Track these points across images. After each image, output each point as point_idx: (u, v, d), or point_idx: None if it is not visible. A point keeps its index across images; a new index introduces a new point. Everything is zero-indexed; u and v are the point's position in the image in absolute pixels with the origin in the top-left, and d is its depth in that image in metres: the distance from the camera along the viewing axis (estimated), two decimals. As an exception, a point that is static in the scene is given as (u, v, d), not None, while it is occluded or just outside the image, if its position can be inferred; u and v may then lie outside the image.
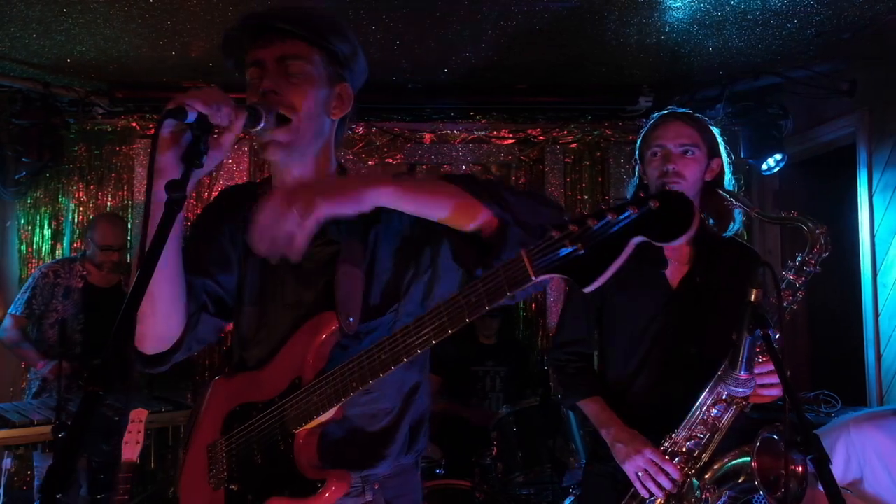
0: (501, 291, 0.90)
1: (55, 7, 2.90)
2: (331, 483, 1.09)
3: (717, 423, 1.54)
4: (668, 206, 0.82)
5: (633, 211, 0.83)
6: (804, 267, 1.56)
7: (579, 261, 0.86)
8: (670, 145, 1.69)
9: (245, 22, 1.17)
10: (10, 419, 2.63)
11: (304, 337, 1.17)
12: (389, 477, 1.23)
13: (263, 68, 1.16)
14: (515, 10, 2.96)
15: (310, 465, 1.12)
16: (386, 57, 3.50)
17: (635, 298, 1.74)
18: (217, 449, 1.23)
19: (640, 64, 3.61)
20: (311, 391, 1.11)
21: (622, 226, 0.84)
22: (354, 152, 4.23)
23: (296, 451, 1.12)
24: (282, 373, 1.17)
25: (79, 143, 4.13)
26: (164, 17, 3.00)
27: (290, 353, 1.18)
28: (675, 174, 1.66)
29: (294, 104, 1.14)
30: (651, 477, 1.55)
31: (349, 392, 1.06)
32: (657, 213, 0.82)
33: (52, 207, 4.14)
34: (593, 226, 0.85)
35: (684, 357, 1.66)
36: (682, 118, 1.72)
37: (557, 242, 0.87)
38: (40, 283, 3.28)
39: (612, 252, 0.84)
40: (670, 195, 0.84)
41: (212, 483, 1.22)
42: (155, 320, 1.13)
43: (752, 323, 1.23)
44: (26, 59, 3.49)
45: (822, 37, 3.19)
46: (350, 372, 1.06)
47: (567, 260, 0.86)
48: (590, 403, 1.74)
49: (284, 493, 1.12)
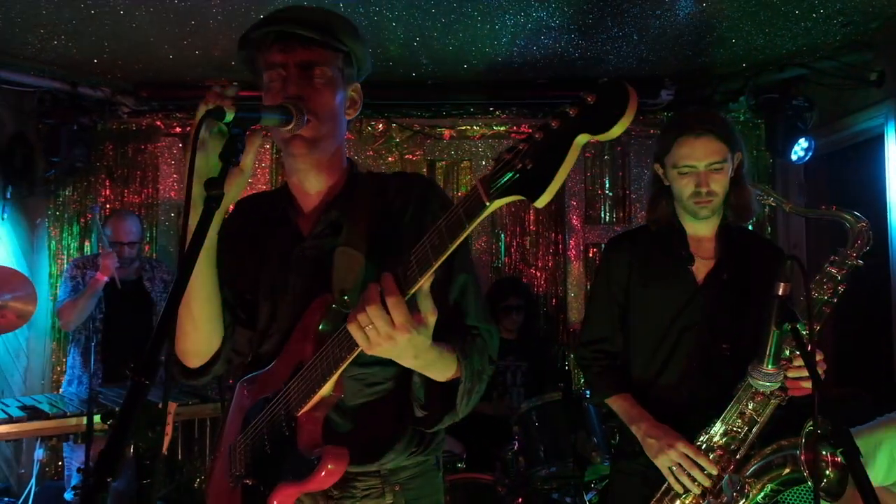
0: (460, 224, 0.88)
1: (83, 10, 2.96)
2: (326, 458, 1.07)
3: (755, 417, 1.52)
4: (604, 96, 0.78)
5: (573, 112, 0.80)
6: (846, 261, 1.53)
7: (528, 176, 0.82)
8: (701, 165, 1.64)
9: (267, 26, 1.19)
10: (43, 410, 2.70)
11: (306, 322, 1.19)
12: (410, 478, 1.24)
13: (287, 72, 1.18)
14: (534, 4, 2.96)
15: (312, 445, 1.12)
16: (406, 53, 3.52)
17: (661, 294, 1.73)
18: (236, 448, 1.25)
19: (662, 57, 3.58)
20: (310, 369, 1.11)
21: (565, 129, 0.80)
22: (374, 148, 4.25)
23: (298, 434, 1.12)
24: (287, 361, 1.19)
25: (105, 141, 4.21)
26: (188, 17, 3.05)
27: (293, 342, 1.20)
28: (709, 194, 1.65)
29: (317, 108, 1.18)
30: (684, 471, 1.54)
31: (339, 363, 1.05)
32: (595, 106, 0.78)
33: (80, 205, 4.23)
34: (539, 138, 0.82)
35: (710, 353, 1.65)
36: (710, 132, 1.65)
37: (508, 164, 0.84)
38: (72, 274, 3.40)
39: (557, 158, 0.80)
40: (604, 85, 0.79)
41: (231, 482, 1.23)
42: (197, 336, 1.21)
43: (780, 317, 1.22)
44: (55, 60, 3.57)
45: (850, 26, 3.14)
46: (340, 342, 1.05)
47: (517, 179, 0.83)
48: (619, 400, 1.74)
49: (289, 478, 1.12)
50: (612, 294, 1.80)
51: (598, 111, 0.78)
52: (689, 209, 1.71)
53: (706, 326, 1.67)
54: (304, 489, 1.11)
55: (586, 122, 0.78)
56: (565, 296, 4.22)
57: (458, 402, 1.14)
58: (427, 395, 1.16)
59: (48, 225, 4.21)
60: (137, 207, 4.24)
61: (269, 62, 1.20)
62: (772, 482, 1.48)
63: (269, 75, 1.20)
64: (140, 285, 3.51)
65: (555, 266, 4.27)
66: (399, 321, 0.93)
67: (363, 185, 1.30)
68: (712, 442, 1.57)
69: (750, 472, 1.52)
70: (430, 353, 1.04)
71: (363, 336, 0.96)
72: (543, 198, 0.81)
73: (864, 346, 3.61)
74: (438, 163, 4.32)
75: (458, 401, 1.13)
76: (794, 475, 1.44)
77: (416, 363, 1.05)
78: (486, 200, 0.86)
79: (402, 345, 0.96)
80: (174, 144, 4.23)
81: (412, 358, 1.02)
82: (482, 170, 4.29)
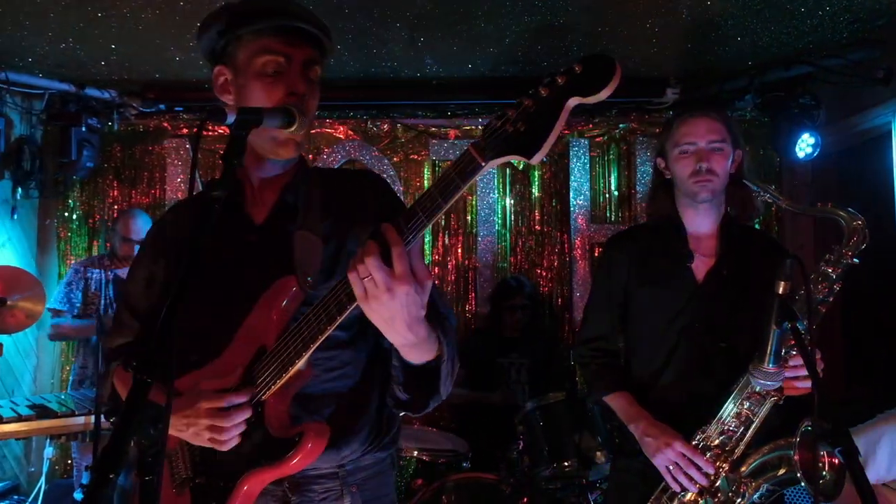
0: (454, 185, 0.91)
1: (90, 12, 2.99)
2: (308, 435, 1.06)
3: (750, 417, 1.53)
4: (590, 65, 0.87)
5: (561, 80, 0.88)
6: (842, 259, 1.52)
7: (521, 137, 0.89)
8: (701, 143, 1.67)
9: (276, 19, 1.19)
10: (52, 409, 2.73)
11: (263, 306, 1.14)
12: (366, 478, 1.23)
13: (289, 65, 1.19)
14: (539, 4, 2.96)
15: (283, 427, 1.10)
16: (410, 54, 3.53)
17: (661, 293, 1.73)
18: (176, 451, 1.20)
19: (667, 56, 3.57)
20: (278, 351, 1.09)
21: (555, 95, 0.88)
22: (380, 149, 4.27)
23: (266, 418, 1.10)
24: (244, 348, 1.14)
25: (113, 142, 4.25)
26: (194, 19, 3.07)
27: (251, 327, 1.15)
28: (709, 172, 1.66)
29: (310, 109, 1.21)
30: (682, 470, 1.54)
31: (318, 335, 1.03)
32: (582, 74, 0.87)
33: (88, 206, 4.27)
34: (529, 105, 0.89)
35: (711, 351, 1.65)
36: (710, 113, 1.70)
37: (500, 128, 0.90)
38: (74, 279, 3.45)
39: (549, 120, 0.88)
40: (591, 57, 0.88)
41: (174, 488, 1.18)
42: None
43: (781, 316, 1.22)
44: (63, 62, 3.61)
45: (857, 24, 3.12)
46: (316, 315, 1.03)
47: (509, 140, 0.90)
48: (617, 398, 1.74)
49: (261, 464, 1.09)
50: (612, 292, 1.80)
51: (587, 77, 0.87)
52: (688, 191, 1.71)
53: (706, 325, 1.67)
54: (280, 472, 1.08)
55: (576, 87, 0.87)
56: (571, 295, 4.22)
57: (441, 383, 1.10)
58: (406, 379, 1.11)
59: (57, 226, 4.25)
60: (145, 208, 4.27)
61: (270, 47, 1.18)
62: (767, 482, 1.48)
63: (266, 60, 1.19)
64: None
65: (560, 265, 4.27)
66: (399, 270, 0.91)
67: (312, 175, 1.33)
68: (709, 441, 1.57)
69: (747, 471, 1.52)
70: (423, 327, 0.99)
71: (361, 288, 0.93)
72: (538, 155, 0.88)
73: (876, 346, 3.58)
74: (443, 163, 4.32)
75: (440, 383, 1.10)
76: (789, 475, 1.44)
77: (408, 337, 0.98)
78: (482, 161, 0.90)
79: (400, 300, 0.92)
80: (181, 145, 4.26)
81: (406, 328, 0.96)
82: (487, 169, 4.29)
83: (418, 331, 0.98)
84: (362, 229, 1.21)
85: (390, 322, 0.95)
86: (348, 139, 4.28)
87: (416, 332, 0.98)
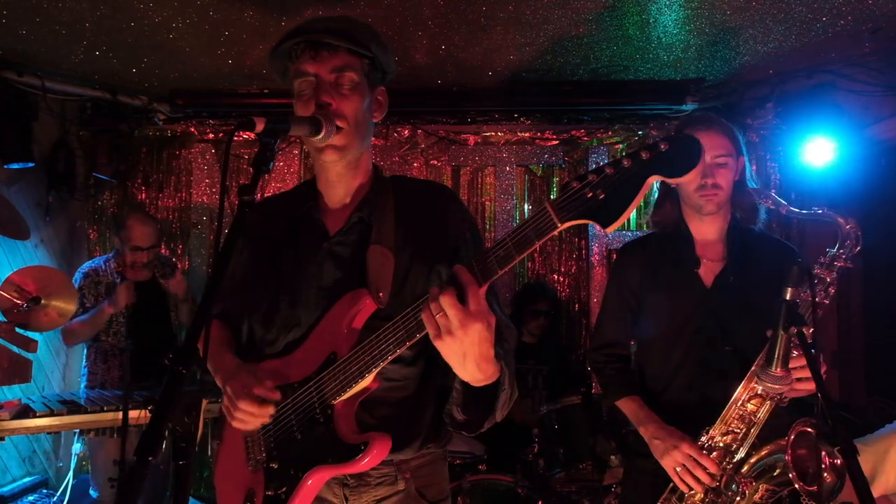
0: (529, 241, 0.97)
1: (123, 21, 3.10)
2: (374, 444, 1.15)
3: (752, 418, 1.55)
4: (676, 146, 0.90)
5: (646, 155, 0.90)
6: (835, 262, 1.55)
7: (600, 205, 0.92)
8: (707, 158, 1.70)
9: (296, 37, 1.26)
10: (82, 405, 2.83)
11: (336, 314, 1.23)
12: (420, 466, 1.30)
13: (317, 81, 1.25)
14: (558, 13, 3.00)
15: (350, 432, 1.19)
16: (431, 61, 3.59)
17: (670, 298, 1.76)
18: (254, 433, 1.30)
19: (687, 64, 3.58)
20: (349, 362, 1.17)
21: (637, 169, 0.90)
22: (400, 154, 4.33)
23: (335, 421, 1.19)
24: (316, 350, 1.24)
25: (142, 147, 4.38)
26: (222, 28, 3.17)
27: (323, 331, 1.25)
28: (714, 186, 1.69)
29: (346, 113, 1.25)
30: (689, 471, 1.57)
31: (387, 356, 1.11)
32: (667, 153, 0.90)
33: (117, 209, 4.40)
34: (611, 174, 0.92)
35: (720, 355, 1.68)
36: (714, 127, 1.73)
37: (579, 191, 0.93)
38: (85, 283, 3.38)
39: (629, 193, 0.90)
40: (677, 137, 0.91)
41: (250, 466, 1.29)
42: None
43: (788, 320, 1.24)
44: (96, 70, 3.74)
45: (878, 33, 3.11)
46: (386, 336, 1.12)
47: (589, 206, 0.93)
48: (628, 402, 1.78)
49: (328, 461, 1.18)
50: (624, 299, 1.84)
51: (672, 157, 0.89)
52: (694, 204, 1.74)
53: (716, 329, 1.70)
54: (344, 471, 1.19)
55: (659, 166, 0.90)
56: (588, 300, 4.23)
57: (499, 407, 1.16)
58: (465, 401, 1.17)
59: (87, 227, 4.39)
60: (171, 211, 4.39)
61: (300, 71, 1.26)
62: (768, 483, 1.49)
63: (300, 84, 1.27)
64: (155, 284, 3.53)
65: (577, 271, 4.29)
66: (474, 307, 0.95)
67: (388, 187, 1.37)
68: (713, 442, 1.60)
69: (749, 472, 1.54)
70: (492, 365, 1.03)
71: (434, 324, 0.97)
72: (614, 225, 0.91)
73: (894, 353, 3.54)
74: (463, 169, 4.37)
75: (497, 406, 1.15)
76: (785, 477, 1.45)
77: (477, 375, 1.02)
78: (558, 222, 0.94)
79: (472, 337, 0.95)
80: (207, 150, 4.37)
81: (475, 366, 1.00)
82: (506, 176, 4.33)
83: (487, 368, 1.03)
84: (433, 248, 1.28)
85: (462, 358, 0.99)
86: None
87: (485, 370, 1.03)
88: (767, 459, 1.50)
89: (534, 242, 0.96)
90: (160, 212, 4.37)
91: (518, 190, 4.34)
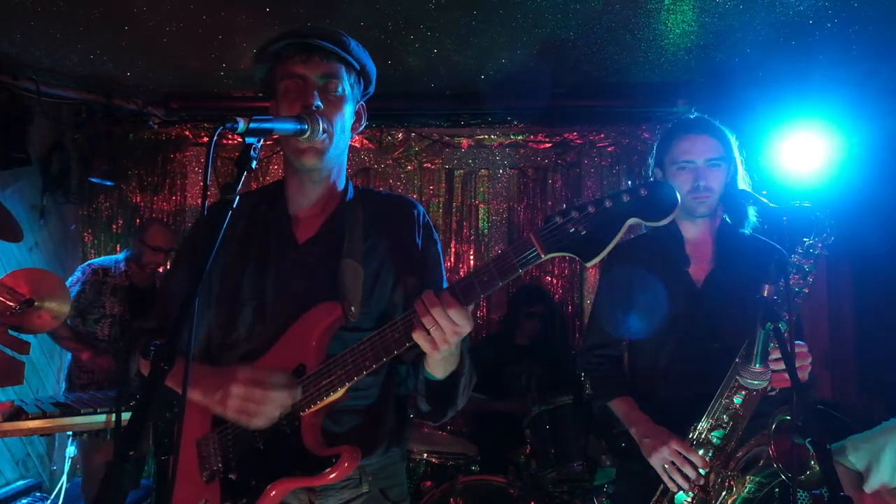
0: (513, 269, 1.03)
1: (118, 26, 3.12)
2: (344, 457, 1.15)
3: (739, 411, 1.56)
4: (655, 192, 0.96)
5: (626, 198, 0.97)
6: (811, 250, 1.57)
7: (582, 240, 0.99)
8: (699, 161, 1.72)
9: (289, 38, 1.26)
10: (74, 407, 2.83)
11: (306, 325, 1.21)
12: (382, 468, 1.33)
13: (305, 83, 1.25)
14: (549, 17, 3.02)
15: (316, 443, 1.18)
16: (424, 64, 3.61)
17: (661, 298, 1.77)
18: (208, 442, 1.26)
19: (678, 66, 3.61)
20: (320, 375, 1.17)
21: (618, 210, 0.97)
22: (394, 157, 4.35)
23: (303, 433, 1.17)
24: (283, 360, 1.21)
25: (136, 150, 4.39)
26: (216, 32, 3.19)
27: (291, 342, 1.22)
28: (706, 190, 1.71)
29: (332, 119, 1.25)
30: (677, 469, 1.58)
31: (362, 371, 1.14)
32: (647, 198, 0.96)
33: (112, 212, 4.41)
34: (593, 211, 0.99)
35: (710, 353, 1.69)
36: (707, 130, 1.74)
37: (563, 226, 1.00)
38: (91, 280, 3.43)
39: (610, 232, 0.98)
40: (656, 184, 0.97)
41: (204, 476, 1.24)
42: None
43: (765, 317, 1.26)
44: (92, 74, 3.75)
45: (866, 34, 3.13)
46: (362, 352, 1.14)
47: (572, 240, 0.99)
48: (619, 403, 1.79)
49: (294, 473, 1.16)
50: (616, 299, 1.85)
51: (650, 203, 0.97)
52: (687, 206, 1.76)
53: (707, 328, 1.71)
54: (312, 483, 1.17)
55: (638, 209, 0.97)
56: (581, 302, 4.25)
57: (459, 395, 1.23)
58: (430, 391, 1.24)
59: (82, 230, 4.40)
60: (166, 214, 4.40)
61: (289, 72, 1.26)
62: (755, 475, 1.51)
63: (286, 84, 1.27)
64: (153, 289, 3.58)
65: (570, 273, 4.30)
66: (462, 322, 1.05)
67: (358, 200, 1.37)
68: (701, 437, 1.61)
69: (737, 466, 1.55)
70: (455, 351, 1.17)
71: (427, 339, 1.06)
72: (594, 261, 0.99)
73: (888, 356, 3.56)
74: (457, 171, 4.39)
75: (458, 394, 1.23)
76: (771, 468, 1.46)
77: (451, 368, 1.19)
78: (543, 253, 1.01)
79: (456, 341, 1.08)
80: (202, 153, 4.38)
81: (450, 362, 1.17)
82: (499, 178, 4.35)
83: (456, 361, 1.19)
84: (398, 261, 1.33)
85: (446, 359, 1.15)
86: (364, 148, 4.37)
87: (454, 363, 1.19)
88: (752, 452, 1.51)
89: (517, 270, 1.03)
90: (155, 215, 4.38)
91: (511, 192, 4.36)
